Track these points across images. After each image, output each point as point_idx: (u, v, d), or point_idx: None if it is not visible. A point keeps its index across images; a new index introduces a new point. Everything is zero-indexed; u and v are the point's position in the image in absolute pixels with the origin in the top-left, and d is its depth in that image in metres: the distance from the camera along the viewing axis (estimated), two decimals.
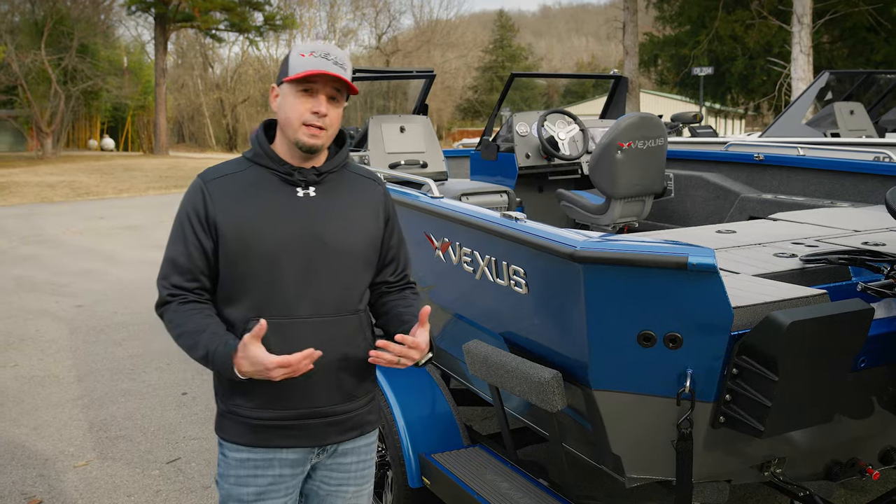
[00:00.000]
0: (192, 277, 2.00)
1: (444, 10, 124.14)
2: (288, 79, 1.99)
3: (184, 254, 2.00)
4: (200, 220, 1.99)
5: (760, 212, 4.74)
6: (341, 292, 2.07)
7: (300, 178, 2.04)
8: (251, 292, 2.00)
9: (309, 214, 2.03)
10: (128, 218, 15.19)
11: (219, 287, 2.04)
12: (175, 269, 2.01)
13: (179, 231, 2.02)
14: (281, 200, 2.03)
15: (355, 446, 2.19)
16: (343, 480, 2.20)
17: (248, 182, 2.03)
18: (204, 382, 5.76)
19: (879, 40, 23.07)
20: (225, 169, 2.07)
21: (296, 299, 2.01)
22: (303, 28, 50.77)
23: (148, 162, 30.53)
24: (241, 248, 1.99)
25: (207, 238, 2.00)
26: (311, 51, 1.99)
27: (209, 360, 1.93)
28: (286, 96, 2.02)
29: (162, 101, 35.64)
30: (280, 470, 2.09)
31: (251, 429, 2.05)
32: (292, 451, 2.09)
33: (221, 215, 1.99)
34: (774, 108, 18.99)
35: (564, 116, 5.67)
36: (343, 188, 2.12)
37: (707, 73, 22.63)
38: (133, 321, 7.49)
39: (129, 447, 4.67)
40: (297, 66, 1.98)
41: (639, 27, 19.35)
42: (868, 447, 2.92)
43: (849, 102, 7.32)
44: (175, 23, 35.98)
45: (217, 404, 2.14)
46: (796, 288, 2.50)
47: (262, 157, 2.06)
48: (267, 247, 1.99)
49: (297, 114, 1.99)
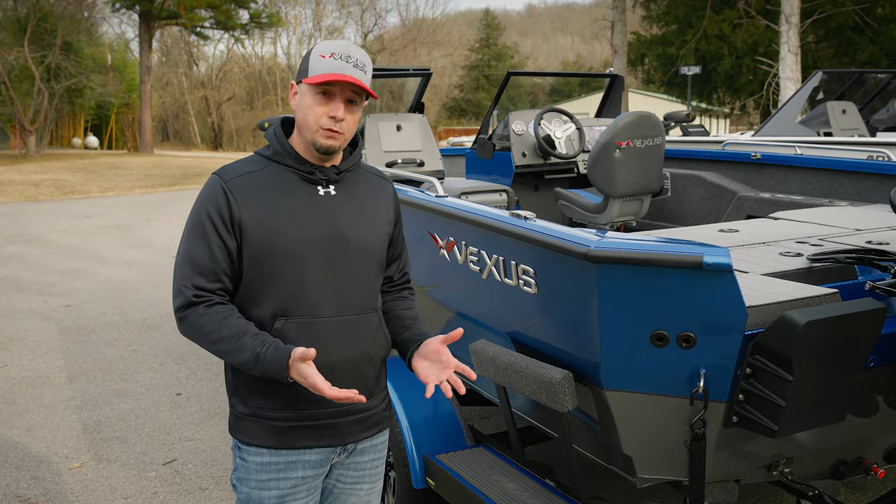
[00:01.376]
0: (215, 278, 1.96)
1: (430, 8, 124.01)
2: (307, 81, 1.97)
3: (206, 254, 1.95)
4: (224, 220, 1.95)
5: (758, 211, 4.75)
6: (363, 290, 2.07)
7: (321, 177, 2.03)
8: (276, 292, 1.97)
9: (331, 213, 2.02)
10: (114, 217, 15.06)
11: (242, 287, 2.00)
12: (197, 269, 1.95)
13: (199, 230, 1.96)
14: (304, 199, 2.01)
15: (372, 444, 2.19)
16: (358, 479, 2.20)
17: (269, 180, 2.01)
18: (198, 383, 5.72)
19: (864, 40, 23.24)
20: (244, 167, 2.03)
21: (321, 298, 1.99)
22: (288, 26, 50.64)
23: (133, 160, 30.31)
24: (266, 248, 1.96)
25: (231, 237, 1.96)
26: (332, 52, 1.95)
27: (258, 363, 1.88)
28: (304, 97, 1.99)
29: (147, 99, 35.37)
30: (303, 472, 2.07)
31: (276, 431, 2.03)
32: (316, 452, 2.07)
33: (246, 214, 1.95)
34: (763, 107, 19.08)
35: (561, 115, 5.66)
36: (359, 187, 2.11)
37: (695, 72, 22.74)
38: (123, 321, 7.42)
39: (124, 449, 4.61)
40: (317, 67, 1.96)
41: (626, 26, 19.39)
42: (873, 446, 2.92)
43: (841, 102, 7.36)
44: (160, 20, 35.70)
45: (234, 406, 2.09)
46: (807, 287, 2.49)
47: (283, 155, 2.03)
48: (292, 246, 1.96)
49: (314, 117, 1.97)
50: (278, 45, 74.48)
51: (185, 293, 1.94)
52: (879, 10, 22.72)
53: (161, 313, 7.67)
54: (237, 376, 2.05)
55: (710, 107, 29.86)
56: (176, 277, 1.98)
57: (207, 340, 1.93)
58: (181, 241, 2.02)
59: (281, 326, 1.97)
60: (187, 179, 22.83)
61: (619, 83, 6.08)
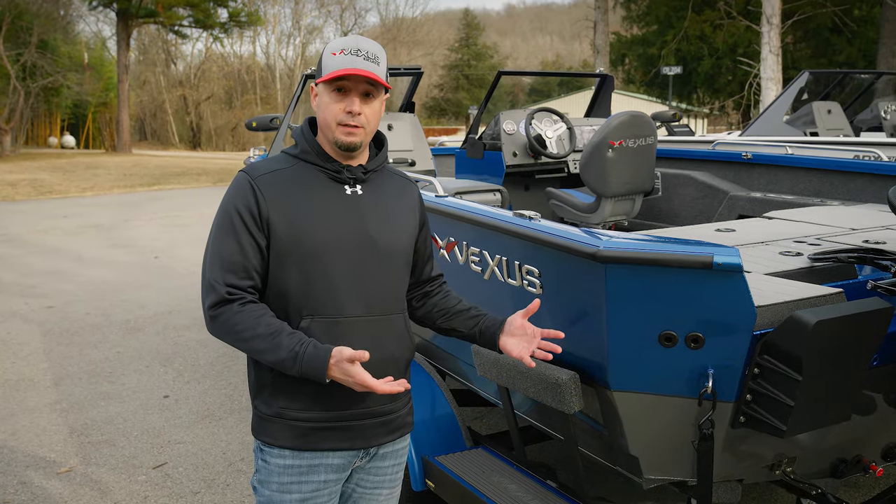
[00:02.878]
0: (246, 276, 1.94)
1: (410, 7, 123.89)
2: (321, 80, 1.97)
3: (238, 251, 1.93)
4: (254, 216, 1.93)
5: (750, 210, 4.77)
6: (389, 291, 2.06)
7: (349, 176, 2.02)
8: (302, 291, 1.95)
9: (359, 213, 2.01)
10: (93, 216, 14.89)
11: (268, 285, 1.98)
12: (229, 266, 1.92)
13: (229, 228, 1.94)
14: (331, 198, 1.99)
15: (394, 449, 2.17)
16: (378, 483, 2.18)
17: (297, 179, 1.99)
18: (186, 385, 5.65)
19: (842, 41, 23.49)
20: (271, 165, 2.02)
21: (347, 298, 1.97)
22: (267, 25, 50.37)
23: (111, 160, 30.00)
24: (293, 246, 1.94)
25: (261, 234, 1.94)
26: (342, 48, 1.95)
27: (296, 361, 1.85)
28: (322, 96, 2.00)
29: (124, 98, 35.03)
30: (325, 476, 2.05)
31: (300, 432, 2.00)
32: (338, 456, 2.05)
33: (274, 212, 1.94)
34: (744, 107, 19.24)
35: (552, 115, 5.66)
36: (385, 187, 2.10)
37: (676, 72, 22.87)
38: (107, 322, 7.33)
39: (112, 452, 4.55)
40: (328, 65, 1.95)
41: (608, 27, 19.47)
42: (872, 444, 2.93)
43: (826, 102, 7.42)
44: (138, 18, 35.37)
45: (257, 408, 2.07)
46: (813, 287, 2.49)
47: (310, 153, 2.02)
48: (320, 245, 1.95)
49: (332, 114, 1.97)
50: (257, 44, 74.02)
51: (219, 290, 1.91)
52: (856, 11, 22.98)
53: (146, 315, 7.59)
54: (261, 377, 2.03)
55: (690, 107, 30.06)
56: (206, 274, 1.95)
57: (241, 338, 1.90)
58: (210, 238, 2.00)
59: (307, 325, 1.95)
60: (167, 179, 22.64)
61: (608, 83, 6.08)
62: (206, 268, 1.96)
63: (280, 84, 51.39)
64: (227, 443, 4.66)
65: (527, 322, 2.10)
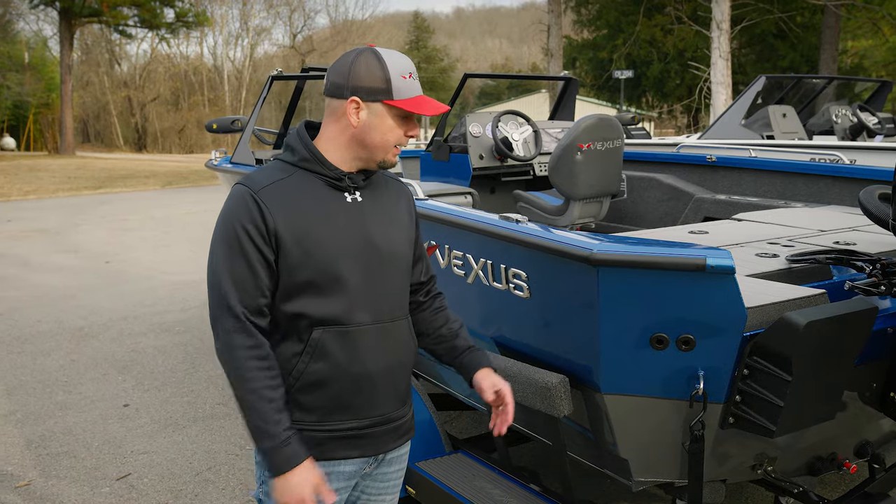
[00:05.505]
0: (260, 294, 1.88)
1: (360, 10, 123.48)
2: (397, 103, 1.91)
3: (249, 270, 1.86)
4: (260, 232, 1.87)
5: (715, 212, 4.83)
6: (395, 297, 2.03)
7: (350, 184, 1.97)
8: (312, 302, 1.90)
9: (362, 220, 1.97)
10: (39, 220, 14.47)
11: (277, 296, 1.92)
12: (240, 286, 1.87)
13: (235, 246, 1.87)
14: (336, 207, 1.94)
15: (399, 455, 2.15)
16: (383, 490, 2.16)
17: (298, 188, 1.93)
18: (145, 393, 5.51)
19: (786, 46, 24.10)
20: (270, 176, 1.94)
21: (357, 307, 1.93)
22: (215, 26, 49.64)
23: (54, 162, 29.22)
24: (301, 257, 1.88)
25: (269, 249, 1.88)
26: (409, 71, 1.93)
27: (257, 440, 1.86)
28: (383, 117, 1.92)
29: (68, 98, 34.12)
30: (336, 484, 2.01)
31: (314, 441, 1.96)
32: (350, 463, 2.02)
33: (281, 225, 1.87)
34: (693, 111, 19.59)
35: (517, 117, 5.66)
36: (381, 191, 2.06)
37: (628, 75, 23.19)
38: (59, 330, 7.11)
39: (73, 464, 4.40)
40: (402, 90, 1.91)
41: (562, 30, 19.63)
42: (845, 442, 2.99)
43: (781, 106, 7.59)
44: (81, 17, 34.51)
45: None
46: (797, 288, 2.53)
47: (311, 161, 1.95)
48: (327, 254, 1.90)
49: (395, 138, 1.94)
50: (205, 45, 72.92)
51: (235, 312, 1.87)
52: (799, 18, 23.60)
53: (100, 321, 7.38)
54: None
55: (640, 111, 30.52)
56: (219, 296, 1.89)
57: (235, 375, 1.87)
58: (213, 259, 1.92)
59: (318, 336, 1.91)
60: (113, 182, 22.13)
61: (573, 86, 6.12)
62: (213, 290, 1.90)
63: (228, 86, 50.71)
64: (193, 452, 4.55)
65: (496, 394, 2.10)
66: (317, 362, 1.92)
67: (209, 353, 6.36)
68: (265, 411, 1.85)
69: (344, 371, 1.93)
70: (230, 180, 5.42)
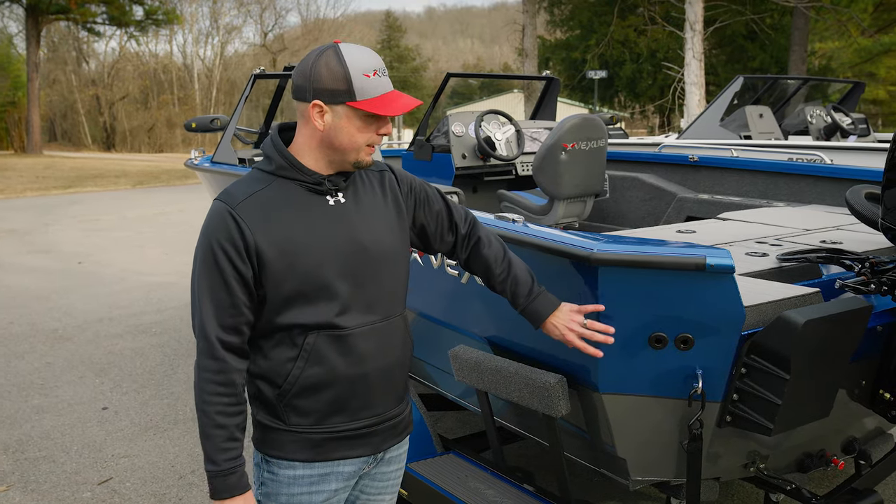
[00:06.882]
0: (237, 312, 1.85)
1: (332, 8, 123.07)
2: (361, 105, 1.83)
3: (223, 288, 1.83)
4: (238, 250, 1.82)
5: (698, 212, 4.87)
6: (387, 296, 1.98)
7: (330, 187, 1.91)
8: (303, 309, 1.87)
9: (346, 222, 1.92)
10: (7, 221, 14.23)
11: (266, 309, 1.88)
12: (216, 304, 1.84)
13: (212, 265, 1.83)
14: (317, 213, 1.89)
15: (398, 454, 2.14)
16: (381, 489, 2.15)
17: (277, 198, 1.87)
18: (124, 395, 5.42)
19: (755, 47, 24.39)
20: (247, 188, 1.88)
21: (350, 310, 1.90)
22: (185, 23, 49.16)
23: (21, 161, 28.77)
24: (286, 268, 1.84)
25: (247, 267, 1.83)
26: (373, 68, 1.83)
27: (205, 460, 1.87)
28: (350, 119, 1.85)
29: (35, 97, 33.60)
30: (336, 484, 1.99)
31: (312, 443, 1.94)
32: (349, 463, 2.00)
33: (261, 239, 1.83)
34: (666, 111, 19.77)
35: (499, 117, 5.66)
36: (363, 188, 2.00)
37: (601, 76, 23.34)
38: (32, 332, 6.98)
39: (53, 469, 4.32)
40: (367, 89, 1.82)
41: (536, 30, 19.69)
42: (833, 439, 3.02)
43: (758, 106, 7.67)
44: (48, 14, 33.98)
45: (262, 419, 1.99)
46: (792, 287, 2.55)
47: (287, 169, 1.90)
48: (313, 262, 1.85)
49: (365, 138, 1.87)
50: (174, 43, 72.18)
51: (203, 334, 1.85)
52: (768, 19, 23.91)
53: (75, 323, 7.27)
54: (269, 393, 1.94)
55: (613, 111, 30.76)
56: (193, 314, 1.88)
57: (196, 396, 1.88)
58: (193, 277, 1.89)
59: (313, 341, 1.88)
60: (83, 181, 21.83)
61: (555, 86, 6.13)
62: (195, 307, 1.87)
63: (199, 84, 50.23)
64: (175, 455, 4.49)
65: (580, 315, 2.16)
66: (312, 367, 1.90)
67: (187, 354, 6.29)
68: (214, 437, 1.85)
69: (340, 374, 1.91)
70: (211, 180, 5.35)
